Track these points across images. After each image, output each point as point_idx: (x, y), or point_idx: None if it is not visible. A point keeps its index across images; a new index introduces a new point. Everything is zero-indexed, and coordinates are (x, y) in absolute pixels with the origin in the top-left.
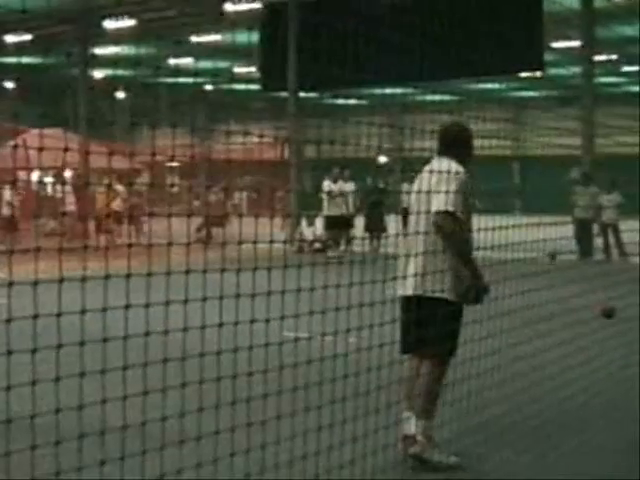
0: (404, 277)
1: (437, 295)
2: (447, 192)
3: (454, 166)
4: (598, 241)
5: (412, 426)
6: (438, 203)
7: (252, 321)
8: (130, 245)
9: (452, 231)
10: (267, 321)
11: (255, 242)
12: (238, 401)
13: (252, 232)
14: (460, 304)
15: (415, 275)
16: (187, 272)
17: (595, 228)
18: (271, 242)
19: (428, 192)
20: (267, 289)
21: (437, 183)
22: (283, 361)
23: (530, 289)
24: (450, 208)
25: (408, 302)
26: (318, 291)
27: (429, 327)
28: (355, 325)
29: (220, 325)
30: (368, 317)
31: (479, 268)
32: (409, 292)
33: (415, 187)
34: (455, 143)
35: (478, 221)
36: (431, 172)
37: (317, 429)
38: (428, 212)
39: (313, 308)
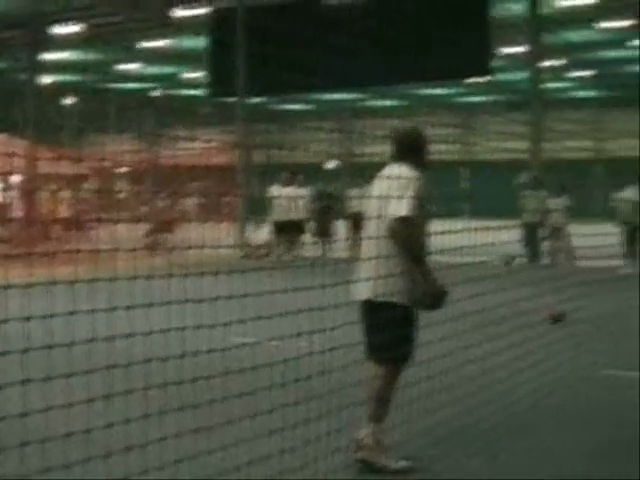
0: (358, 281)
1: (389, 299)
2: (403, 197)
3: (410, 172)
4: (546, 245)
5: (363, 430)
6: (394, 209)
7: (198, 327)
8: (76, 251)
9: (408, 236)
10: (212, 326)
11: (203, 247)
12: (185, 407)
13: (200, 237)
14: (413, 308)
15: (368, 280)
16: (133, 278)
17: (543, 232)
18: (219, 247)
19: (383, 197)
20: (214, 294)
21: (393, 189)
22: (231, 366)
23: (479, 293)
24: (406, 213)
25: (362, 307)
26: (266, 296)
27: (382, 332)
28: (305, 329)
29: (166, 331)
30: (318, 321)
31: (434, 273)
32: (363, 297)
33: (370, 192)
34: (411, 149)
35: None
36: (388, 178)
37: (267, 434)
38: (381, 217)
39: (262, 313)
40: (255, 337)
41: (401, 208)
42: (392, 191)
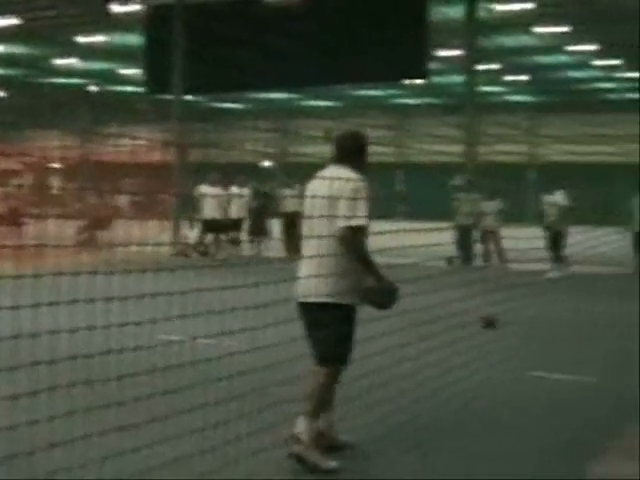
0: (301, 282)
1: (332, 300)
2: (356, 206)
3: (355, 176)
4: (479, 247)
5: (299, 426)
6: (347, 217)
7: (124, 324)
8: (4, 247)
9: (361, 245)
10: (138, 324)
11: (134, 245)
12: (110, 404)
13: (135, 235)
14: (351, 308)
15: (311, 280)
16: (59, 274)
17: (476, 234)
18: (150, 245)
19: (326, 198)
20: (144, 292)
21: (335, 191)
22: (157, 364)
23: (414, 293)
24: (363, 223)
25: (305, 307)
26: (198, 294)
27: (324, 332)
28: (237, 328)
29: (92, 328)
30: (249, 320)
31: (382, 271)
32: (306, 297)
33: (309, 192)
34: (353, 151)
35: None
36: (330, 179)
37: (191, 432)
38: (325, 218)
39: (190, 311)
40: (183, 335)
41: (356, 217)
42: (335, 193)
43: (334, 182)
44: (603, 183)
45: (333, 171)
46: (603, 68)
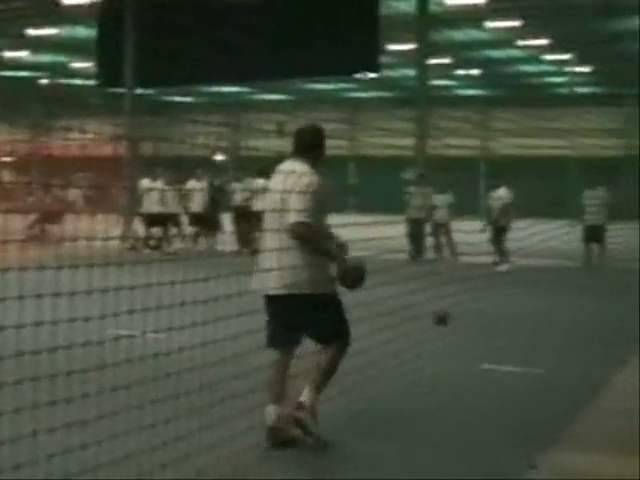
0: (262, 274)
1: (295, 291)
2: (301, 203)
3: (307, 171)
4: (430, 240)
5: (304, 394)
6: (294, 214)
7: (72, 320)
8: None
9: (308, 237)
10: (87, 319)
11: (87, 239)
12: (58, 400)
13: (85, 229)
14: (327, 294)
15: (272, 273)
16: (6, 270)
17: (427, 228)
18: (104, 239)
19: (282, 192)
20: (93, 287)
21: (291, 186)
22: (107, 359)
23: (366, 287)
24: (305, 219)
25: (271, 300)
26: (150, 288)
27: (303, 321)
28: (187, 322)
29: (39, 324)
30: (202, 314)
31: (344, 256)
32: (269, 289)
33: (270, 186)
34: (311, 145)
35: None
36: (286, 173)
37: (141, 428)
38: (282, 212)
39: (142, 306)
40: (132, 330)
41: (300, 214)
42: (288, 188)
43: (289, 177)
44: (554, 176)
45: (290, 165)
46: (554, 62)
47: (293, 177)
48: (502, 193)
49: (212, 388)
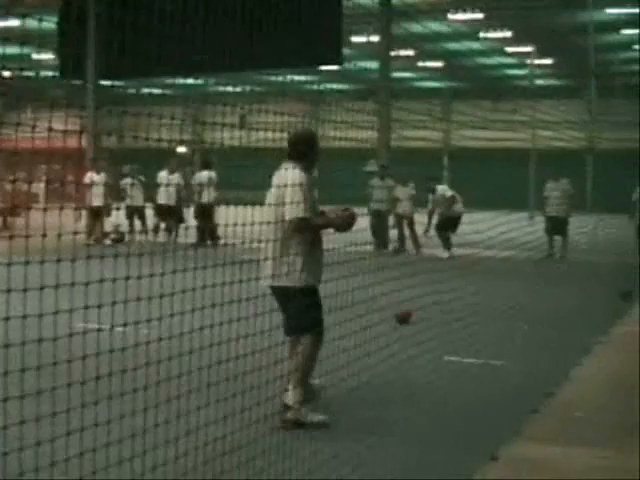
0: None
1: (287, 284)
2: (298, 201)
3: (299, 174)
4: (393, 233)
5: (288, 397)
6: (291, 211)
7: (41, 315)
8: None
9: (307, 229)
10: (56, 313)
11: (51, 232)
12: (27, 395)
13: (49, 222)
14: (310, 289)
15: (271, 268)
16: None
17: (390, 220)
18: (68, 233)
19: (278, 192)
20: (59, 280)
21: (283, 187)
22: (75, 353)
23: (332, 278)
24: (304, 215)
25: (272, 291)
26: (117, 282)
27: (287, 311)
28: (154, 316)
29: (4, 319)
30: (168, 308)
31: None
32: (268, 283)
33: (274, 183)
34: (304, 152)
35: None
36: (281, 175)
37: (107, 421)
38: (277, 205)
39: (108, 299)
40: (100, 324)
41: (298, 211)
42: (284, 190)
43: (283, 178)
44: (516, 168)
45: (286, 167)
46: (514, 55)
47: (282, 179)
48: (444, 187)
49: (177, 381)
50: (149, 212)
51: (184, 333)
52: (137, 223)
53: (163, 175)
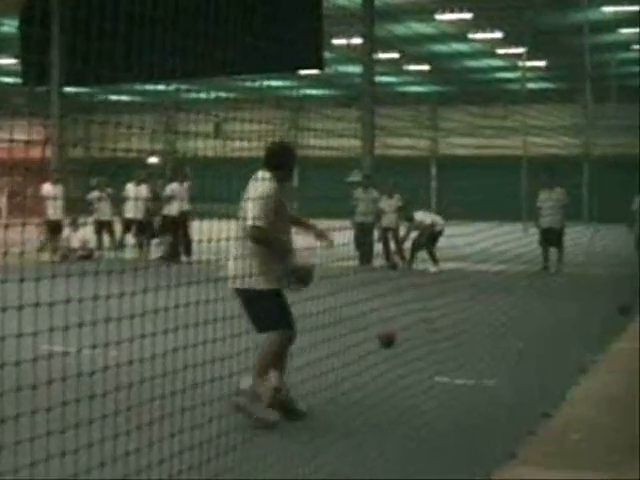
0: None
1: (247, 287)
2: (255, 209)
3: (267, 185)
4: (379, 247)
5: (244, 381)
6: (250, 219)
7: (2, 337)
8: None
9: (261, 238)
10: (19, 335)
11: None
12: None
13: (13, 238)
14: (271, 291)
15: (234, 271)
16: None
17: (375, 233)
18: (31, 250)
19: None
20: (23, 300)
21: (250, 194)
22: (40, 377)
23: (310, 297)
24: (259, 224)
25: (236, 293)
26: (88, 301)
27: (251, 311)
28: (124, 337)
29: None
30: (139, 328)
31: (290, 258)
32: (230, 285)
33: (249, 191)
34: (278, 165)
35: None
36: (261, 180)
37: (74, 450)
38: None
39: (76, 320)
40: (67, 346)
41: (254, 219)
42: (250, 196)
43: (251, 186)
44: (507, 177)
45: (261, 175)
46: (505, 57)
47: (253, 186)
48: (422, 214)
49: (149, 407)
50: (118, 227)
51: (156, 355)
52: (106, 238)
53: (130, 187)
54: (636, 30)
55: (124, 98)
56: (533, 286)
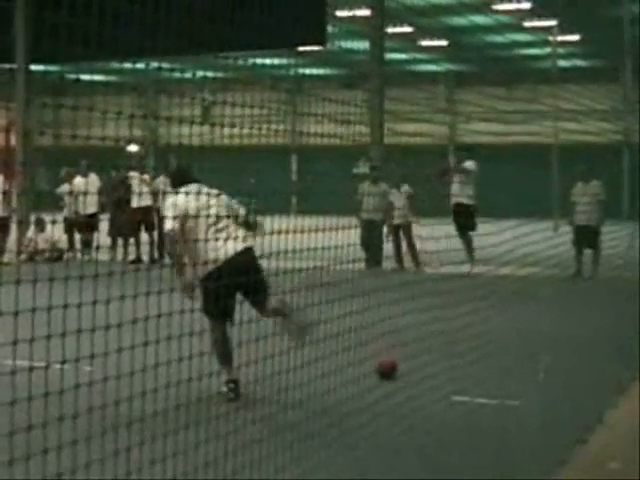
0: None
1: None
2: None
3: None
4: (388, 247)
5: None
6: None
7: None
8: None
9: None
10: None
11: None
12: None
13: None
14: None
15: None
16: None
17: (385, 231)
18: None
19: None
20: None
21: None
22: (1, 396)
23: (311, 304)
24: (169, 229)
25: None
26: (52, 308)
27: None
28: (99, 350)
29: None
30: (115, 341)
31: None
32: None
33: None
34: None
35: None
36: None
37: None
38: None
39: (43, 331)
40: (34, 360)
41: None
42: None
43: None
44: (536, 168)
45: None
46: (534, 31)
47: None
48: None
49: (126, 429)
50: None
51: (135, 372)
52: (77, 238)
53: (80, 181)
54: None
55: (98, 78)
56: (564, 293)
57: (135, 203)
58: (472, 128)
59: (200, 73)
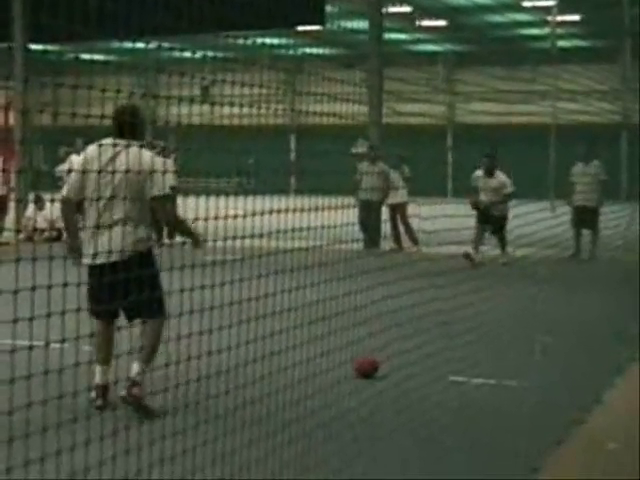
0: None
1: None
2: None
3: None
4: (387, 227)
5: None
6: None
7: None
8: None
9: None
10: None
11: None
12: None
13: None
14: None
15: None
16: None
17: (384, 211)
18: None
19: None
20: None
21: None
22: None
23: (308, 285)
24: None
25: None
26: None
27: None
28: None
29: None
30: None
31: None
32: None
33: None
34: (130, 126)
35: (253, 204)
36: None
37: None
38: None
39: (43, 310)
40: (34, 340)
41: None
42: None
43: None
44: (535, 148)
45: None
46: (533, 10)
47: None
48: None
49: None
50: None
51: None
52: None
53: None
54: None
55: (98, 57)
56: (562, 274)
57: None
58: (471, 108)
59: (199, 53)
